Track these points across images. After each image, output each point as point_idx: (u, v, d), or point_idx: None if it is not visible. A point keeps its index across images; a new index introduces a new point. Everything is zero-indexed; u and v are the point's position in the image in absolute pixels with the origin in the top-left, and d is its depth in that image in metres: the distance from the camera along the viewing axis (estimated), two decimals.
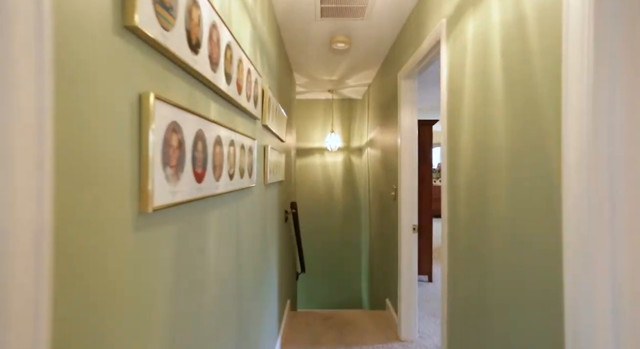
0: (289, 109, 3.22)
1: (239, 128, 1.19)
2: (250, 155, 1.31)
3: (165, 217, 0.63)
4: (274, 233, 2.12)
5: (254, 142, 1.37)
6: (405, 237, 2.42)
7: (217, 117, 0.95)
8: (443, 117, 1.56)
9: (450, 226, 1.51)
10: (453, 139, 1.48)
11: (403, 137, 2.42)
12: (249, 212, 1.36)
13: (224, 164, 0.97)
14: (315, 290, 4.85)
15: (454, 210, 1.47)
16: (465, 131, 1.34)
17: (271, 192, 1.93)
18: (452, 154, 1.49)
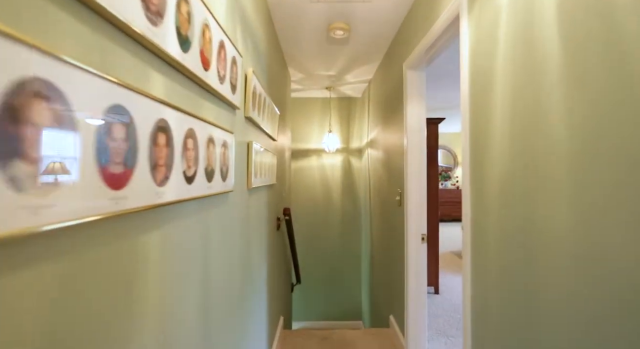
0: (283, 106, 2.95)
1: (207, 116, 0.91)
2: (225, 152, 1.03)
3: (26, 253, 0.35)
4: (262, 245, 1.83)
5: (231, 137, 1.09)
6: (413, 248, 2.14)
7: (164, 94, 0.67)
8: (464, 107, 1.29)
9: (475, 236, 1.23)
10: (478, 133, 1.20)
11: (410, 135, 2.14)
12: (223, 223, 1.07)
13: (176, 162, 0.68)
14: (312, 301, 4.55)
15: (479, 217, 1.19)
16: (497, 122, 1.06)
17: (258, 197, 1.65)
18: (476, 150, 1.22)
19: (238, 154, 1.25)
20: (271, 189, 2.16)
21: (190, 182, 0.76)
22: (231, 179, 1.08)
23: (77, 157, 0.40)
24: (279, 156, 2.58)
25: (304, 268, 4.49)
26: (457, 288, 3.65)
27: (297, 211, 4.52)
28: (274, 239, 2.27)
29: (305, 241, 4.52)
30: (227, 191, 1.05)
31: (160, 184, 0.61)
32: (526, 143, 0.91)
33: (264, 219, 1.88)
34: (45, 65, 0.35)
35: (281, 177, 2.71)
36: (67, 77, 0.39)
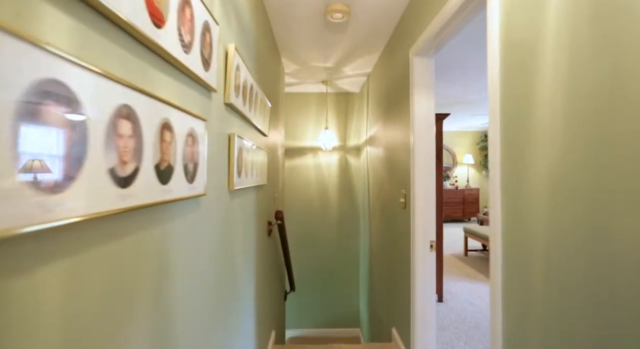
0: (276, 100, 2.70)
1: (161, 92, 0.66)
2: (193, 144, 0.78)
3: None
4: (250, 255, 1.58)
5: (201, 125, 0.84)
6: (420, 256, 1.91)
7: (79, 50, 0.42)
8: (493, 92, 1.05)
9: (508, 253, 1.00)
10: (513, 124, 0.97)
11: (417, 131, 1.91)
12: (191, 237, 0.82)
13: (93, 154, 0.44)
14: (307, 306, 4.31)
15: (515, 229, 0.96)
16: (545, 108, 0.83)
17: (243, 201, 1.40)
18: (510, 145, 0.98)
19: (215, 149, 1.00)
20: (261, 190, 1.91)
21: (126, 185, 0.51)
22: (202, 180, 0.84)
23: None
24: (271, 153, 2.33)
25: (299, 272, 4.25)
26: (461, 295, 3.44)
27: (292, 212, 4.27)
28: (264, 246, 2.03)
29: (301, 243, 4.28)
30: (196, 194, 0.80)
31: (52, 191, 0.37)
32: (597, 132, 0.68)
33: (252, 225, 1.63)
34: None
35: (273, 177, 2.47)
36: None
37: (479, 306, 3.12)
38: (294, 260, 4.24)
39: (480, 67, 3.40)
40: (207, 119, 0.92)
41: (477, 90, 4.37)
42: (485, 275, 4.13)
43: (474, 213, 7.98)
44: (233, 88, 1.13)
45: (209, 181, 0.94)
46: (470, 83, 4.06)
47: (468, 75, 3.71)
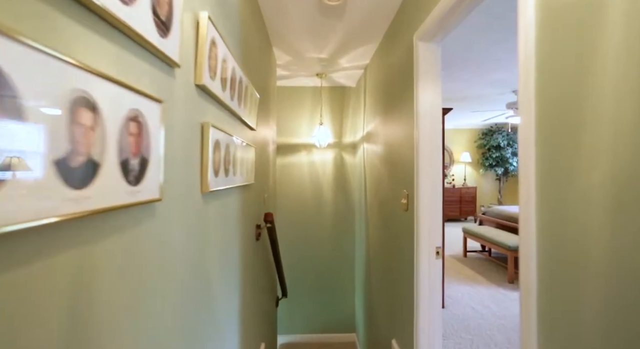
0: (267, 93, 2.49)
1: (83, 54, 0.45)
2: (140, 133, 0.57)
3: None
4: (233, 267, 1.38)
5: (155, 108, 0.63)
6: (425, 264, 1.72)
7: None
8: (525, 69, 0.86)
9: (549, 264, 0.81)
10: (559, 107, 0.77)
11: (422, 123, 1.71)
12: (135, 256, 0.61)
13: None
14: (300, 310, 4.11)
15: (559, 238, 0.77)
16: (612, 86, 0.63)
17: (221, 204, 1.19)
18: (554, 135, 0.79)
19: (180, 141, 0.79)
20: (248, 191, 1.71)
21: None
22: (154, 181, 0.63)
23: None
24: (260, 150, 2.12)
25: (291, 275, 4.05)
26: (463, 300, 3.27)
27: (284, 213, 4.07)
28: (252, 253, 1.82)
29: (293, 245, 4.08)
30: (145, 201, 0.59)
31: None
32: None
33: (237, 230, 1.42)
34: None
35: (263, 176, 2.26)
36: None
37: (481, 313, 2.96)
38: (286, 262, 4.04)
39: (484, 59, 3.22)
40: (166, 101, 0.71)
41: (480, 85, 4.20)
42: (485, 277, 3.98)
43: (471, 212, 7.86)
44: (207, 67, 0.92)
45: (169, 182, 0.73)
46: (471, 78, 3.89)
47: (469, 68, 3.54)
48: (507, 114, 4.83)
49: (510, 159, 7.62)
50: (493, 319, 2.85)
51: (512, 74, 3.71)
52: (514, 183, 8.24)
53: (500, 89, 4.39)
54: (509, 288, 3.65)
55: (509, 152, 7.62)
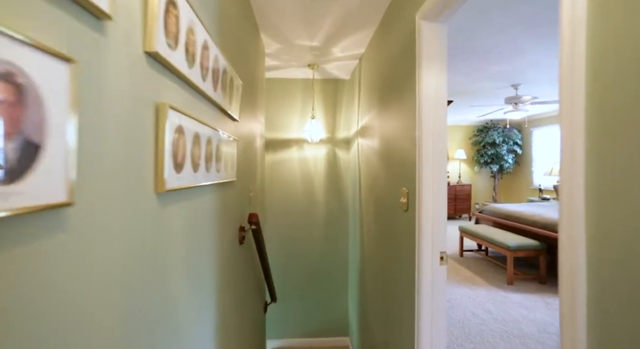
0: (254, 82, 2.28)
1: None
2: (20, 105, 0.36)
3: None
4: (208, 278, 1.17)
5: (60, 69, 0.42)
6: (427, 271, 1.54)
7: None
8: (571, 34, 0.67)
9: (607, 282, 0.62)
10: (617, 87, 0.59)
11: (425, 113, 1.52)
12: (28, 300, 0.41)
13: None
14: (291, 313, 3.93)
15: (621, 249, 0.59)
16: None
17: (188, 206, 0.98)
18: (609, 122, 0.60)
19: (116, 122, 0.58)
20: (228, 189, 1.50)
21: None
22: (57, 175, 0.42)
23: None
24: (245, 143, 1.91)
25: (282, 277, 3.86)
26: (462, 303, 3.12)
27: (274, 211, 3.86)
28: (234, 259, 1.62)
29: (284, 245, 3.89)
30: (38, 206, 0.39)
31: None
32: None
33: (212, 236, 1.22)
34: None
35: (248, 173, 2.05)
36: None
37: (482, 318, 2.80)
38: (276, 264, 3.85)
39: (487, 50, 3.05)
40: (87, 63, 0.50)
41: (480, 78, 4.03)
42: (483, 278, 3.84)
43: (466, 210, 7.75)
44: (161, 31, 0.71)
45: (94, 179, 0.52)
46: (473, 71, 3.72)
47: (471, 60, 3.36)
48: (506, 109, 4.68)
49: (506, 156, 7.52)
50: (495, 325, 2.70)
51: (512, 66, 3.55)
52: (508, 180, 8.15)
53: (499, 83, 4.24)
54: (508, 289, 3.51)
55: (505, 149, 7.51)
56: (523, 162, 7.77)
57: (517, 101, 4.20)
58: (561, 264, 0.71)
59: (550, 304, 3.15)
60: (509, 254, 3.66)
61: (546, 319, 2.81)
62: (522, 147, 7.72)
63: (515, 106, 4.31)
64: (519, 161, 7.81)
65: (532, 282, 3.75)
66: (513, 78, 4.06)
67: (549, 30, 2.58)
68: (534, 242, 3.69)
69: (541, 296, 3.34)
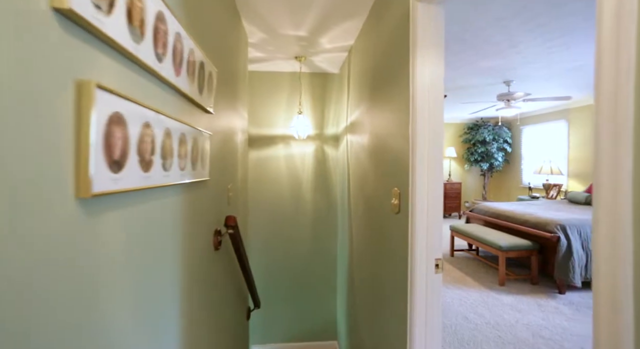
0: (234, 74, 2.10)
1: None
2: None
3: None
4: (169, 296, 1.00)
5: None
6: (421, 280, 1.40)
7: None
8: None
9: None
10: None
11: (420, 105, 1.37)
12: None
13: None
14: (276, 317, 3.77)
15: None
16: None
17: (137, 212, 0.80)
18: None
19: (11, 100, 0.41)
20: (199, 189, 1.32)
21: None
22: None
23: None
24: (222, 139, 1.74)
25: (267, 278, 3.69)
26: (454, 307, 3.02)
27: (259, 211, 3.69)
28: (207, 269, 1.44)
29: (269, 246, 3.72)
30: None
31: None
32: None
33: (175, 247, 1.04)
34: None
35: (225, 170, 1.87)
36: None
37: (475, 322, 2.70)
38: (261, 266, 3.68)
39: (481, 42, 2.92)
40: None
41: (472, 73, 3.91)
42: (474, 279, 3.75)
43: (455, 208, 7.70)
44: None
45: None
46: (464, 65, 3.60)
47: (464, 53, 3.24)
48: (498, 106, 4.60)
49: (496, 154, 7.49)
50: (488, 329, 2.59)
51: (505, 60, 3.45)
52: (498, 179, 8.14)
53: (491, 79, 4.14)
54: (500, 290, 3.43)
55: (495, 147, 7.48)
56: (512, 160, 7.76)
57: (509, 97, 4.11)
58: (598, 279, 0.57)
59: (542, 306, 3.07)
60: (500, 255, 3.57)
61: (540, 323, 2.72)
62: (512, 146, 7.71)
63: (507, 103, 4.22)
64: (509, 159, 7.80)
65: (524, 283, 3.68)
66: (505, 74, 3.97)
67: (547, 21, 2.46)
68: (525, 243, 3.61)
69: (533, 298, 3.26)
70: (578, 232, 3.47)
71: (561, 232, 3.45)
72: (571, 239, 3.40)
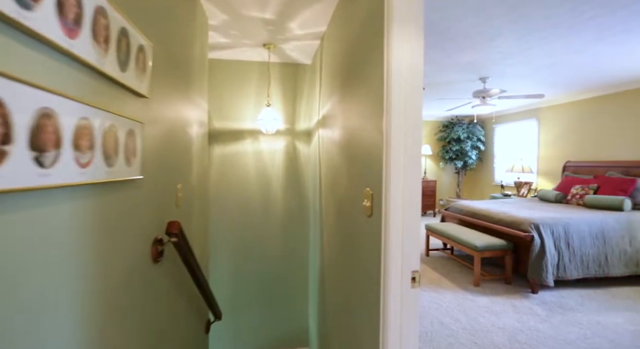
0: (190, 62, 1.82)
1: None
2: None
3: None
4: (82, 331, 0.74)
5: None
6: (395, 295, 1.20)
7: None
8: None
9: None
10: None
11: (396, 92, 1.17)
12: None
13: None
14: (245, 326, 3.51)
15: None
16: None
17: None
18: None
19: None
20: (124, 190, 1.05)
21: None
22: None
23: None
24: (163, 129, 1.46)
25: (233, 285, 3.43)
26: (430, 311, 2.88)
27: (223, 212, 3.40)
28: (144, 285, 1.18)
29: (235, 248, 3.45)
30: None
31: None
32: None
33: (76, 270, 0.78)
34: None
35: (171, 167, 1.60)
36: None
37: (451, 328, 2.57)
38: (227, 271, 3.41)
39: (459, 34, 2.78)
40: None
41: (449, 68, 3.79)
42: (449, 280, 3.66)
43: (430, 206, 7.70)
44: None
45: None
46: (442, 59, 3.46)
47: (440, 44, 3.09)
48: (474, 103, 4.54)
49: (470, 153, 7.54)
50: (464, 336, 2.47)
51: (483, 54, 3.34)
52: (472, 176, 8.23)
53: (468, 75, 4.06)
54: (475, 292, 3.35)
55: (469, 145, 7.52)
56: (486, 158, 7.85)
57: (485, 94, 4.05)
58: None
59: (517, 307, 3.01)
60: (476, 255, 3.49)
61: (515, 326, 2.64)
62: (485, 144, 7.79)
63: (483, 100, 4.16)
64: (482, 157, 7.89)
65: (498, 282, 3.63)
66: (482, 71, 3.89)
67: (529, 12, 2.35)
68: (501, 242, 3.55)
69: (508, 298, 3.20)
70: (551, 231, 3.45)
71: (535, 232, 3.41)
72: (544, 238, 3.37)
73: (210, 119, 3.35)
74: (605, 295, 3.31)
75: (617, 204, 3.98)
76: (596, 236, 3.54)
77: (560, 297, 3.27)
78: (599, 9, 2.33)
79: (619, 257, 3.55)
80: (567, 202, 4.79)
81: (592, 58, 3.44)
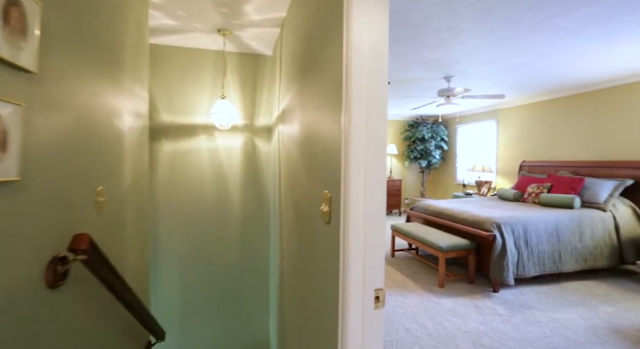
0: (115, 36, 1.52)
1: None
2: None
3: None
4: None
5: None
6: (356, 318, 1.01)
7: None
8: None
9: None
10: None
11: (356, 77, 0.98)
12: None
13: None
14: (199, 341, 3.20)
15: None
16: None
17: None
18: None
19: None
20: (9, 196, 0.77)
21: None
22: None
23: None
24: (77, 119, 1.16)
25: (187, 294, 3.10)
26: (395, 316, 2.76)
27: (174, 214, 3.07)
28: (36, 329, 0.89)
29: (189, 256, 3.12)
30: None
31: None
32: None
33: None
34: None
35: (85, 166, 1.30)
36: None
37: (416, 335, 2.46)
38: (179, 282, 3.08)
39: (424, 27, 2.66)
40: None
41: (414, 65, 3.71)
42: (414, 281, 3.59)
43: (396, 205, 7.72)
44: None
45: None
46: (408, 54, 3.35)
47: (405, 38, 2.97)
48: (438, 101, 4.53)
49: (434, 152, 7.65)
50: (430, 342, 2.37)
51: (448, 52, 3.29)
52: (435, 175, 8.37)
53: (433, 73, 4.01)
54: (440, 293, 3.29)
55: (433, 144, 7.63)
56: (448, 158, 8.02)
57: (449, 93, 4.03)
58: None
59: (480, 307, 2.98)
60: (440, 256, 3.44)
61: (479, 328, 2.59)
62: (448, 144, 7.95)
63: (447, 99, 4.14)
64: (445, 156, 8.04)
65: (461, 282, 3.61)
66: (446, 69, 3.85)
67: (494, 5, 2.27)
68: (464, 242, 3.53)
69: (471, 299, 3.17)
70: (511, 230, 3.47)
71: (497, 231, 3.41)
72: (505, 238, 3.39)
73: (156, 111, 2.99)
74: (559, 291, 3.40)
75: (568, 202, 4.13)
76: (551, 233, 3.62)
77: (519, 295, 3.30)
78: (558, 7, 2.31)
79: (571, 253, 3.66)
80: (524, 200, 4.93)
81: (547, 60, 3.51)
